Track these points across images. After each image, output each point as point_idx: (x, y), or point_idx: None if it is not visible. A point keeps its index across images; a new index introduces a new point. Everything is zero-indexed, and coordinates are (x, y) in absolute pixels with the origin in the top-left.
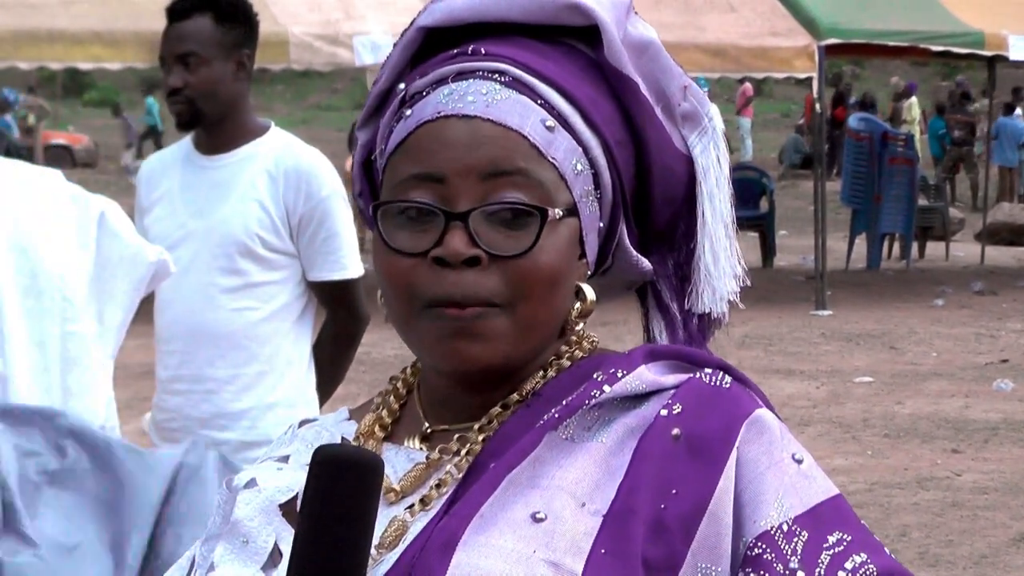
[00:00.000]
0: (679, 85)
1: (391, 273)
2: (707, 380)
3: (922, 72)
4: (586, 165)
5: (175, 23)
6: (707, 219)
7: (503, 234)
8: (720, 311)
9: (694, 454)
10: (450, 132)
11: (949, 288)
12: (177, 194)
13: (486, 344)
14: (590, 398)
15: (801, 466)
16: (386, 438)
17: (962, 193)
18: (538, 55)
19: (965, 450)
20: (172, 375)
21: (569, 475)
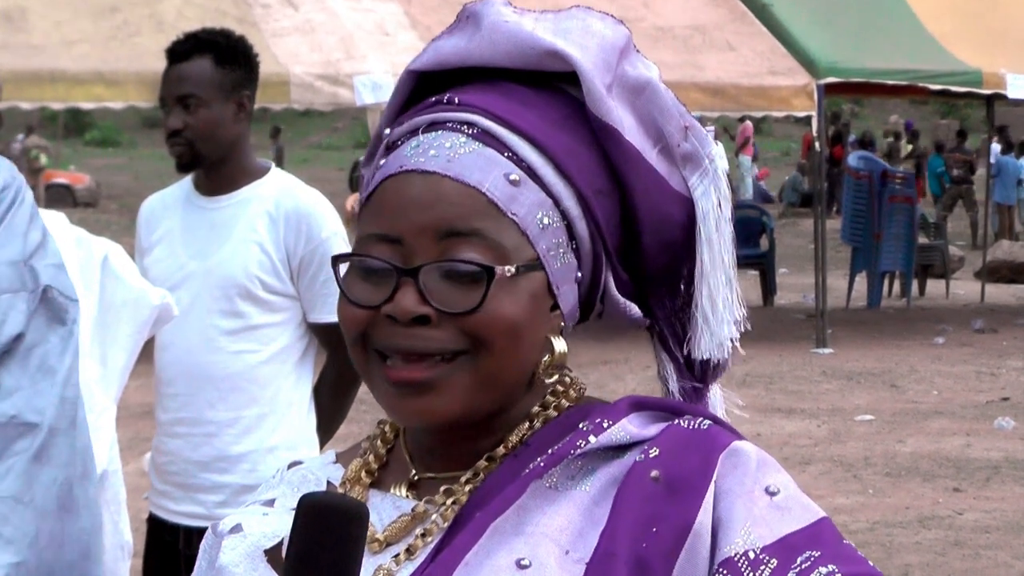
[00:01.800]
0: (679, 125)
1: (348, 323)
2: (685, 425)
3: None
4: (556, 218)
5: (175, 64)
6: (705, 264)
7: (454, 290)
8: (720, 357)
9: (673, 492)
10: (410, 189)
11: (949, 326)
12: (177, 235)
13: (440, 396)
14: (575, 448)
15: (775, 498)
16: (373, 484)
17: (962, 231)
18: (517, 103)
19: (967, 489)
20: (172, 418)
21: (554, 522)
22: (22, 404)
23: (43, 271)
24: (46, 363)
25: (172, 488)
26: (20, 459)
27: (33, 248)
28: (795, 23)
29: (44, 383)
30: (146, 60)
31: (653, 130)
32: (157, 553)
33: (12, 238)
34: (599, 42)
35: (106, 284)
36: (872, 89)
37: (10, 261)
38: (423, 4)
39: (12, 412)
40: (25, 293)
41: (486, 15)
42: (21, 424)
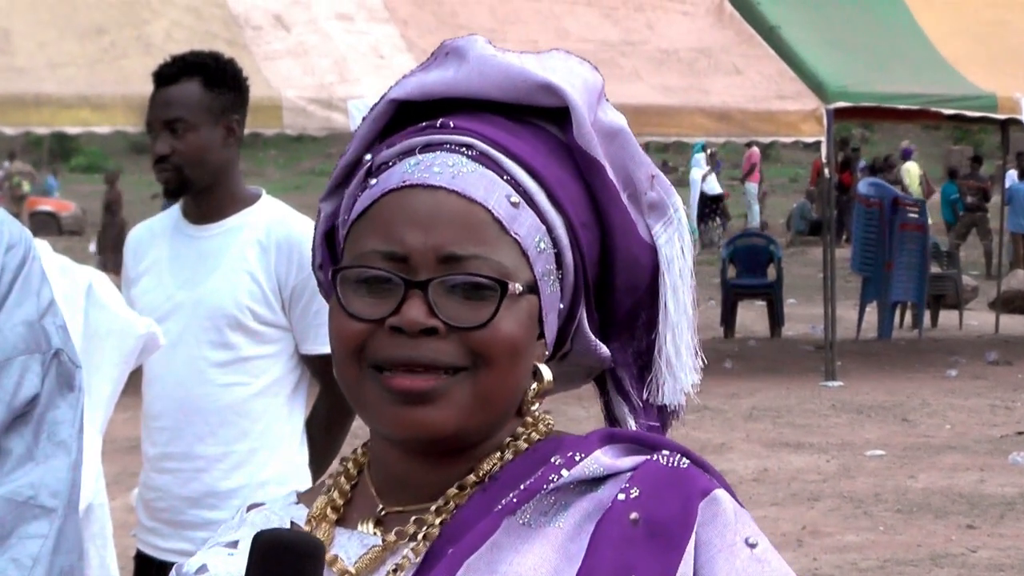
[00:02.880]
0: (647, 174)
1: (344, 337)
2: (664, 462)
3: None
4: (549, 244)
5: (162, 88)
6: (669, 310)
7: (462, 305)
8: (678, 402)
9: (653, 538)
10: (414, 203)
11: (963, 358)
12: (165, 265)
13: (438, 409)
14: (548, 482)
15: (754, 550)
16: (339, 521)
17: (976, 260)
18: (507, 132)
19: (980, 526)
20: (161, 452)
21: (527, 561)
22: (39, 484)
23: (54, 333)
24: (59, 435)
25: (160, 525)
26: (43, 550)
27: (46, 306)
28: (804, 46)
29: (58, 459)
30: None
31: (623, 176)
32: None
33: (27, 296)
34: (583, 82)
35: (90, 313)
36: (883, 114)
37: (26, 321)
38: (419, 26)
39: (30, 493)
40: (39, 355)
41: (470, 49)
42: (38, 507)
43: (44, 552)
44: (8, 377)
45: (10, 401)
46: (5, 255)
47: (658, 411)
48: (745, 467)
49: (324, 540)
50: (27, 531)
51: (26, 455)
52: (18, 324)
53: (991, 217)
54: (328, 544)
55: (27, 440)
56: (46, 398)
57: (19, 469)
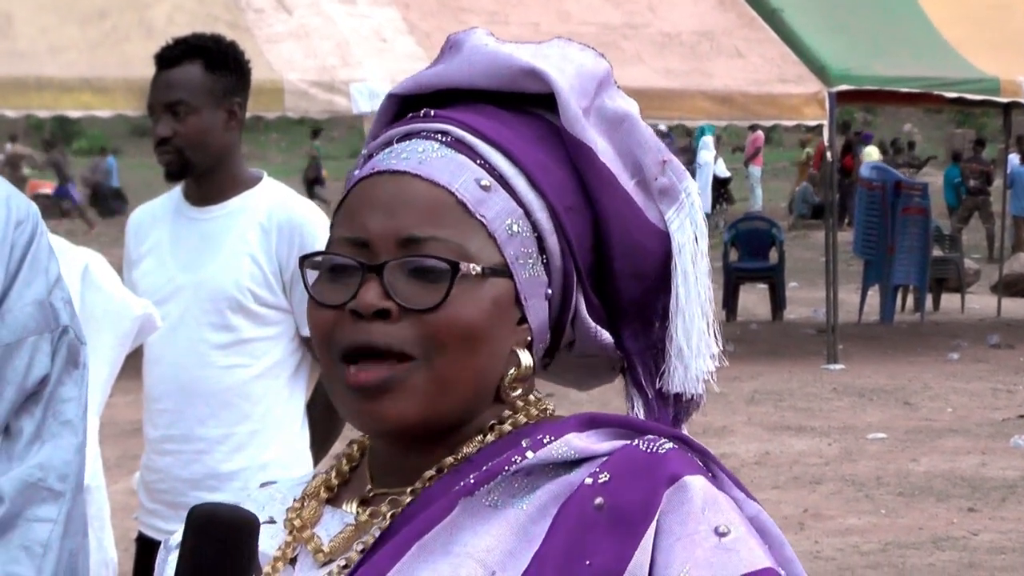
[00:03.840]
0: (656, 159)
1: (315, 325)
2: (643, 447)
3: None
4: (526, 228)
5: (164, 71)
6: (680, 297)
7: (417, 288)
8: (694, 392)
9: (613, 525)
10: (378, 190)
11: (964, 341)
12: (166, 247)
13: (396, 400)
14: (510, 464)
15: (723, 539)
16: (330, 500)
17: (978, 243)
18: (493, 120)
19: (982, 509)
20: (162, 434)
21: (482, 542)
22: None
23: (62, 309)
24: (65, 414)
25: (162, 507)
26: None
27: (53, 282)
28: (806, 29)
29: (64, 439)
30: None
31: (631, 163)
32: (146, 574)
33: (36, 275)
34: (577, 68)
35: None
36: (885, 97)
37: (36, 300)
38: (421, 9)
39: (40, 475)
40: (48, 334)
41: (467, 41)
42: (46, 489)
43: (54, 537)
44: (20, 358)
45: (21, 382)
46: (14, 231)
47: (674, 403)
48: (747, 450)
49: (310, 518)
50: (36, 513)
51: (35, 435)
52: (28, 304)
53: (993, 200)
54: (314, 522)
55: (37, 419)
56: (55, 376)
57: (29, 449)
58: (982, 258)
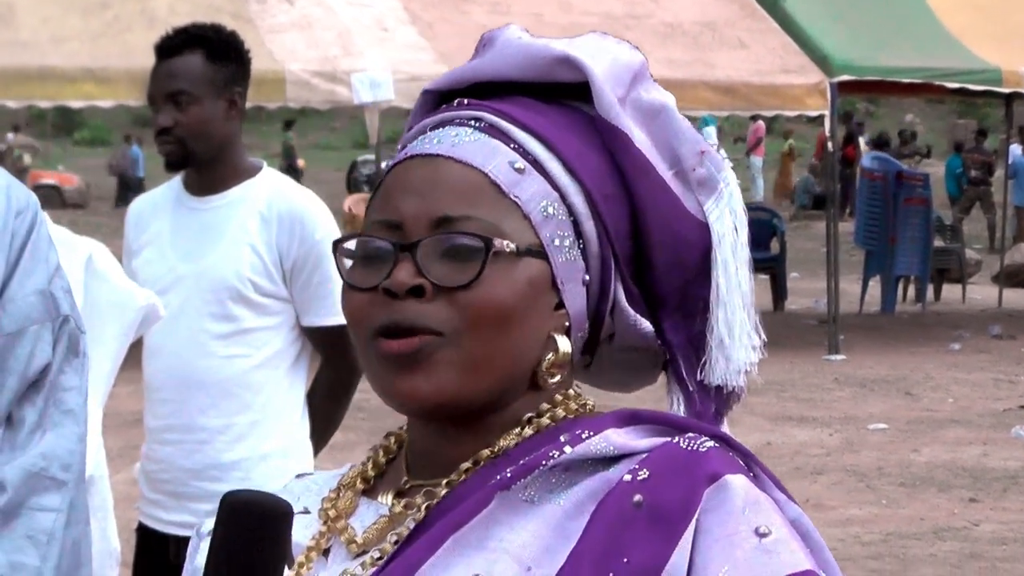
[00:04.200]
0: (694, 150)
1: (349, 309)
2: (684, 445)
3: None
4: (561, 211)
5: (165, 60)
6: (721, 288)
7: (451, 266)
8: (736, 384)
9: (652, 523)
10: (412, 173)
11: (966, 332)
12: (166, 237)
13: (428, 377)
14: (548, 459)
15: (764, 540)
16: (367, 492)
17: (979, 234)
18: (526, 108)
19: (983, 499)
20: (163, 424)
21: (518, 538)
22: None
23: (62, 299)
24: (66, 403)
25: (163, 497)
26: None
27: (53, 271)
28: (808, 19)
29: (66, 428)
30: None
31: (668, 154)
32: (147, 564)
33: (37, 264)
34: (611, 59)
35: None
36: (887, 88)
37: (37, 290)
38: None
39: (43, 464)
40: (50, 323)
41: (500, 36)
42: (49, 479)
43: (58, 527)
44: (22, 347)
45: (23, 371)
46: (14, 221)
47: (716, 395)
48: (748, 441)
49: (345, 508)
50: (39, 503)
51: (37, 424)
52: (30, 294)
53: (995, 191)
54: (349, 513)
55: (39, 408)
56: (56, 365)
57: (32, 438)
58: (983, 248)
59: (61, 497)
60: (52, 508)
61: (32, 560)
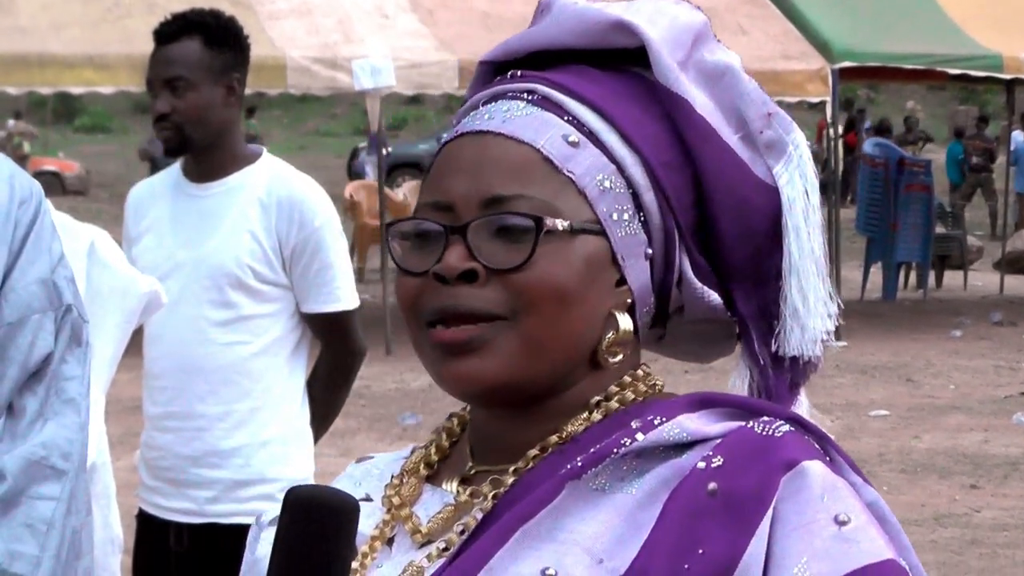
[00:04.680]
0: (761, 112)
1: (401, 294)
2: (758, 430)
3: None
4: (619, 184)
5: (163, 46)
6: (793, 255)
7: (503, 248)
8: (812, 353)
9: (727, 511)
10: (462, 151)
11: (967, 319)
12: (166, 224)
13: (484, 359)
14: (619, 446)
15: (843, 528)
16: (430, 478)
17: (981, 220)
18: (582, 77)
19: (984, 486)
20: (162, 411)
21: (589, 529)
22: (50, 444)
23: (65, 288)
24: (67, 392)
25: (162, 484)
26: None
27: (56, 260)
28: (809, 5)
29: (67, 418)
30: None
31: (734, 117)
32: (147, 551)
33: (40, 253)
34: (670, 21)
35: (92, 272)
36: (888, 74)
37: (40, 279)
38: None
39: (43, 453)
40: (52, 312)
41: (555, 3)
42: (49, 467)
43: (57, 515)
44: (23, 336)
45: (24, 360)
46: (18, 210)
47: (791, 365)
48: None
49: (409, 496)
50: (39, 491)
51: (38, 413)
52: (32, 283)
53: (996, 177)
54: (413, 500)
55: (40, 398)
56: (58, 355)
57: (32, 427)
58: (985, 235)
59: (61, 486)
60: (52, 497)
61: (31, 549)
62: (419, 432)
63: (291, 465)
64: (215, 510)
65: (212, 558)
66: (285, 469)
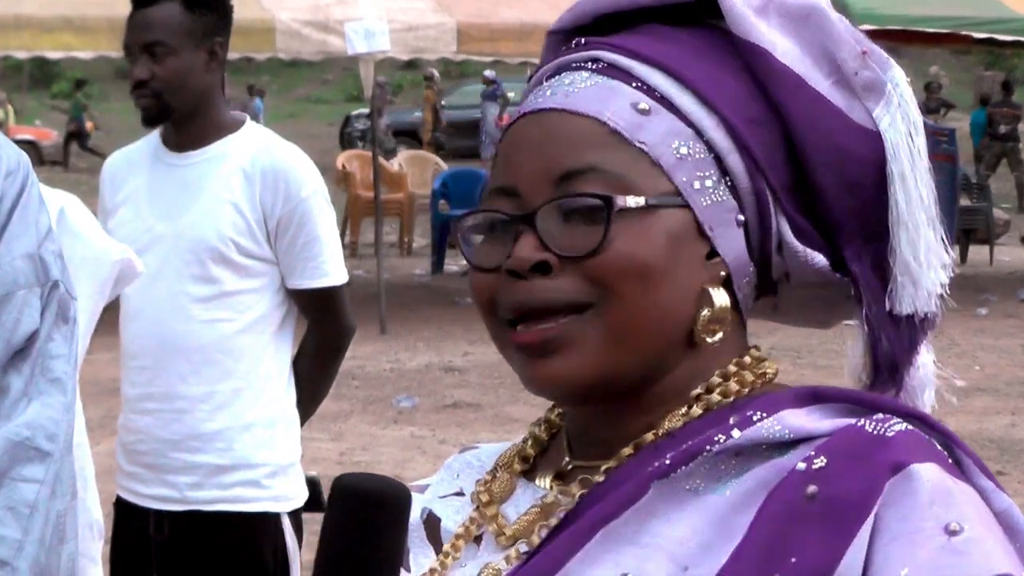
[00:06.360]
0: (854, 51)
1: (476, 290)
2: (869, 428)
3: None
4: (698, 149)
5: (141, 9)
6: (900, 205)
7: (575, 231)
8: (928, 309)
9: (825, 517)
10: (524, 133)
11: (993, 296)
12: (144, 195)
13: (569, 357)
14: (712, 444)
15: (954, 539)
16: (527, 472)
17: (1007, 192)
18: (651, 37)
19: (1011, 472)
20: (141, 393)
21: (675, 532)
22: (35, 424)
23: (52, 263)
24: (53, 371)
25: (141, 469)
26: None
27: (44, 234)
28: None
29: (52, 398)
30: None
31: (825, 60)
32: (125, 539)
33: (26, 227)
34: None
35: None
36: (911, 37)
37: (26, 254)
38: None
39: (27, 434)
40: (38, 288)
41: None
42: (33, 449)
43: (41, 498)
44: (8, 312)
45: (9, 338)
46: (4, 181)
47: (907, 325)
48: None
49: (501, 492)
50: (22, 473)
51: (23, 392)
52: (18, 257)
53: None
54: (504, 496)
55: (25, 376)
56: (44, 332)
57: (16, 407)
58: (1012, 208)
59: (45, 468)
60: (35, 479)
61: (13, 533)
62: (415, 415)
63: (276, 449)
64: (197, 496)
65: (194, 547)
66: (270, 453)
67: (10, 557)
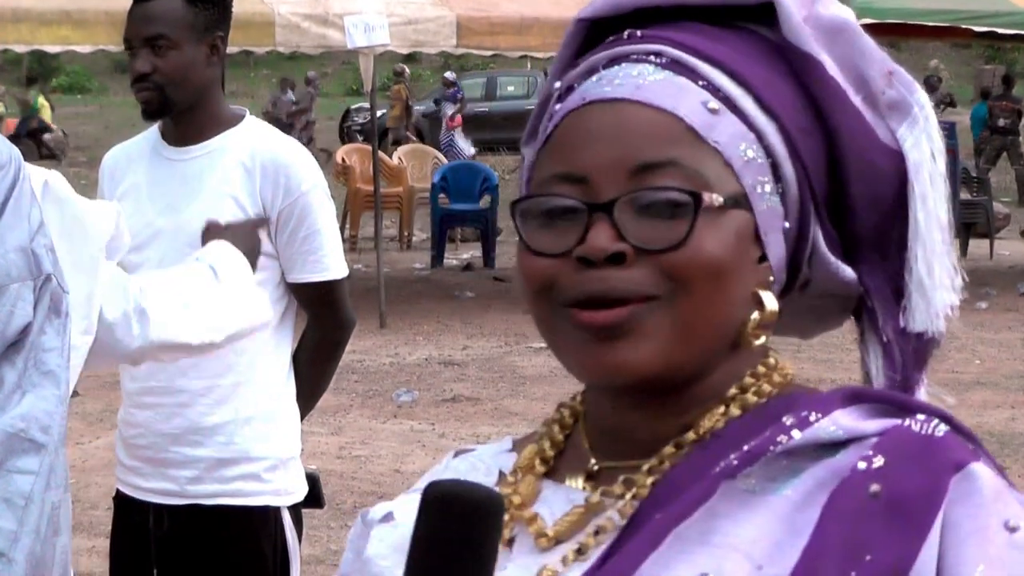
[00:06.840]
0: (882, 71)
1: (530, 275)
2: (917, 428)
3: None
4: (760, 153)
5: (142, 3)
6: (920, 223)
7: (653, 226)
8: (935, 330)
9: (894, 516)
10: (594, 121)
11: (993, 290)
12: (144, 189)
13: (636, 345)
14: (775, 444)
15: (1014, 535)
16: (547, 474)
17: (1007, 186)
18: (707, 37)
19: (1011, 466)
20: (141, 387)
21: (746, 532)
22: (29, 416)
23: (44, 257)
24: (46, 364)
25: (141, 463)
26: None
27: (36, 228)
28: None
29: (46, 390)
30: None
31: (854, 76)
32: (125, 534)
33: (19, 220)
34: None
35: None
36: (910, 31)
37: (19, 247)
38: None
39: (21, 425)
40: (31, 281)
41: None
42: (28, 440)
43: (36, 490)
44: (1, 306)
45: (3, 331)
46: None
47: (916, 343)
48: None
49: (528, 494)
50: (17, 464)
51: (16, 385)
52: (10, 251)
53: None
54: (531, 499)
55: (19, 369)
56: (36, 325)
57: (10, 399)
58: (1012, 201)
59: (40, 460)
60: (30, 471)
61: (9, 524)
62: (414, 409)
63: (276, 443)
64: (197, 491)
65: (194, 541)
66: (270, 447)
67: (6, 548)
